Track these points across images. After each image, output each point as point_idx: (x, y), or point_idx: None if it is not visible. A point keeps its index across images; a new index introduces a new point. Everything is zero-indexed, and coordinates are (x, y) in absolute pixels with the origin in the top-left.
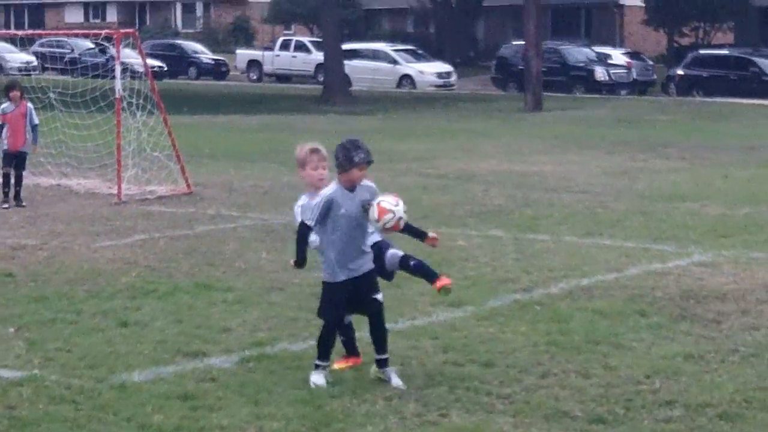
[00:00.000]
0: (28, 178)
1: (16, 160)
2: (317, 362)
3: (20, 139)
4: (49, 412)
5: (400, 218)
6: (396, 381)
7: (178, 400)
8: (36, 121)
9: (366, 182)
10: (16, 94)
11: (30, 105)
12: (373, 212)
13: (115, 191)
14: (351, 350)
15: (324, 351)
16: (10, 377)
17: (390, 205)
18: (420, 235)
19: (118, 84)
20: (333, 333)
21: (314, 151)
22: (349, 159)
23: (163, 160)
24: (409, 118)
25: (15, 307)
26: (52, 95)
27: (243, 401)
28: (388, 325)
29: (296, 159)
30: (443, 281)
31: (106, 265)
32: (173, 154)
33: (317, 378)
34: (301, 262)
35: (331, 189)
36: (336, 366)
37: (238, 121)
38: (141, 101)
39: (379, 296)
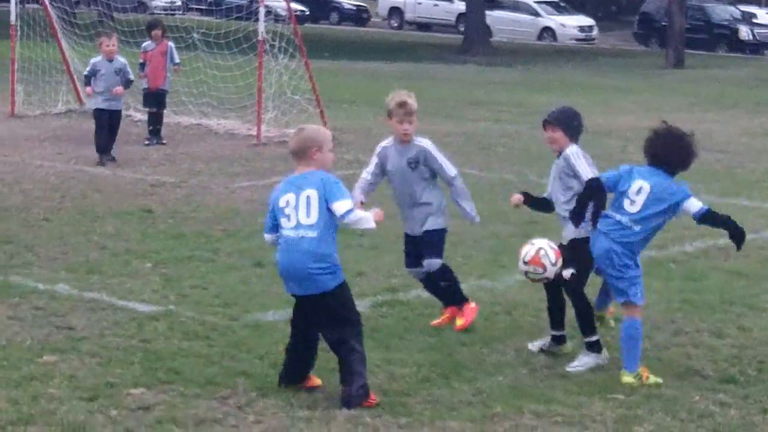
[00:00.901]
0: (170, 117)
1: (157, 98)
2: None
3: (159, 77)
4: (183, 347)
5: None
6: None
7: None
8: (177, 59)
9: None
10: (157, 32)
11: (171, 44)
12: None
13: (254, 132)
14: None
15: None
16: (146, 311)
17: (539, 275)
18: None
19: (261, 26)
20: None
21: (401, 104)
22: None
23: (303, 104)
24: (549, 71)
25: (153, 243)
26: (195, 35)
27: (374, 345)
28: (520, 278)
29: (386, 106)
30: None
31: (243, 205)
32: (313, 98)
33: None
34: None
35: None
36: (458, 322)
37: (377, 68)
38: (283, 44)
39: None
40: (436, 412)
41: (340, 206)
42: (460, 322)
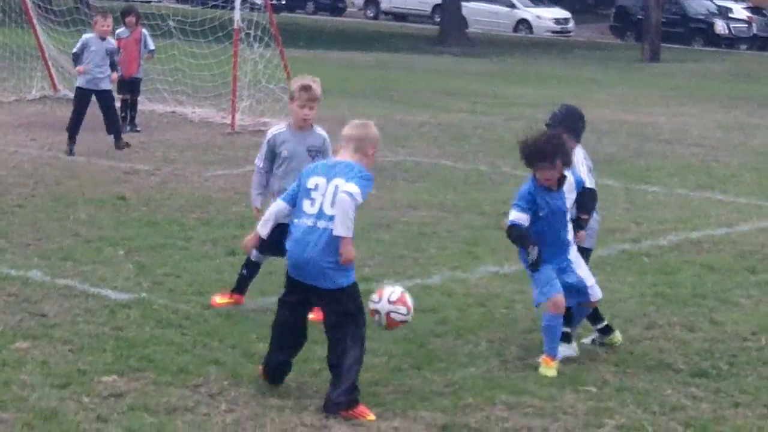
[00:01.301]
0: (144, 104)
1: (131, 85)
2: None
3: (133, 65)
4: (156, 335)
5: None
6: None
7: None
8: (152, 46)
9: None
10: (131, 19)
11: (144, 31)
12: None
13: (228, 121)
14: (241, 287)
15: None
16: (118, 299)
17: (401, 316)
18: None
19: (237, 15)
20: None
21: (305, 88)
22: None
23: (278, 93)
24: (524, 63)
25: (126, 230)
26: (171, 23)
27: None
28: (497, 269)
29: (289, 89)
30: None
31: (217, 193)
32: (288, 88)
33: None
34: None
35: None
36: (218, 300)
37: (353, 58)
38: (259, 33)
39: None
40: (407, 402)
41: (348, 186)
42: (220, 300)
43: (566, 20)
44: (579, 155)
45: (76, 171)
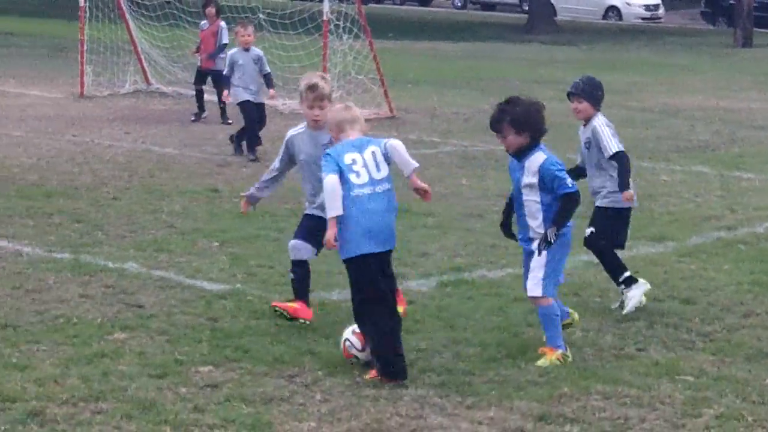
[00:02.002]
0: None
1: (212, 78)
2: None
3: (210, 58)
4: (251, 325)
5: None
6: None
7: None
8: (225, 40)
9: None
10: (211, 10)
11: (222, 24)
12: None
13: None
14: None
15: None
16: (213, 290)
17: (354, 350)
18: None
19: (326, 6)
20: None
21: (311, 88)
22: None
23: (367, 84)
24: (613, 50)
25: (219, 222)
26: (261, 16)
27: (440, 325)
28: (590, 258)
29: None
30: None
31: None
32: (377, 78)
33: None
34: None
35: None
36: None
37: (441, 48)
38: (348, 24)
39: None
40: (502, 392)
41: (390, 140)
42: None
43: (656, 6)
44: (600, 121)
45: (169, 164)
